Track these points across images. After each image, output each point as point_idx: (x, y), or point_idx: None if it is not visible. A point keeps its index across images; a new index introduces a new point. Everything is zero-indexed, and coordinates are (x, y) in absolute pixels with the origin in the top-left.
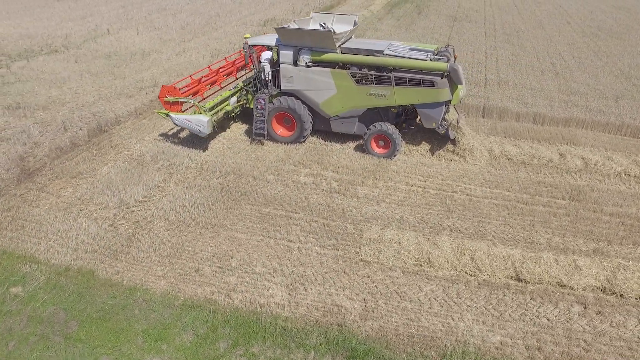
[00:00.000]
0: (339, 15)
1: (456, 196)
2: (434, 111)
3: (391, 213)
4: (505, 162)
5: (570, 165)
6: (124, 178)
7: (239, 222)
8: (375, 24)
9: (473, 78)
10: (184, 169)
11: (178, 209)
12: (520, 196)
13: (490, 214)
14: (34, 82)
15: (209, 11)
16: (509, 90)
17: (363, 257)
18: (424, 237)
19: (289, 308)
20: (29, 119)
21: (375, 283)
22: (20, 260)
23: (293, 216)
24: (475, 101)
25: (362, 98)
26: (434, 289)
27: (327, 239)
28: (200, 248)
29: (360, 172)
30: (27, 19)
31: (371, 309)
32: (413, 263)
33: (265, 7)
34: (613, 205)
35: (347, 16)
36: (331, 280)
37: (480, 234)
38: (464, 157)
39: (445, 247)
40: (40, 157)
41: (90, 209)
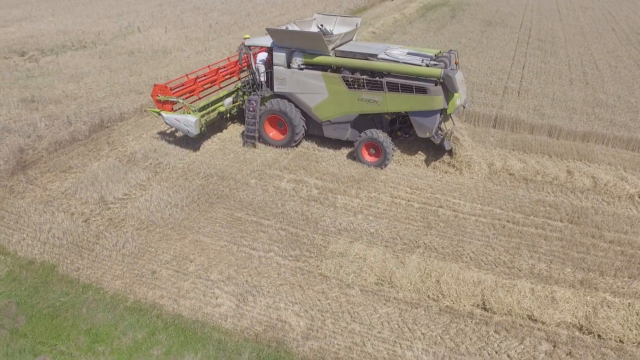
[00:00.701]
0: (342, 17)
1: (441, 211)
2: (427, 120)
3: (366, 226)
4: (506, 177)
5: (578, 184)
6: (110, 175)
7: (209, 226)
8: (404, 27)
9: (491, 85)
10: (170, 168)
11: (152, 209)
12: (513, 215)
13: (474, 233)
14: (55, 77)
15: (240, 11)
16: (528, 100)
17: (322, 271)
18: (393, 254)
19: (232, 320)
20: (40, 112)
21: (328, 300)
22: None
23: (263, 223)
24: (487, 110)
25: (354, 103)
26: (390, 311)
27: (291, 249)
28: (163, 250)
29: (345, 180)
30: (69, 16)
31: (316, 328)
32: (374, 281)
33: (297, 7)
34: (616, 231)
35: (349, 18)
36: (284, 293)
37: (456, 254)
38: (460, 169)
39: (411, 267)
40: (38, 150)
41: (70, 204)
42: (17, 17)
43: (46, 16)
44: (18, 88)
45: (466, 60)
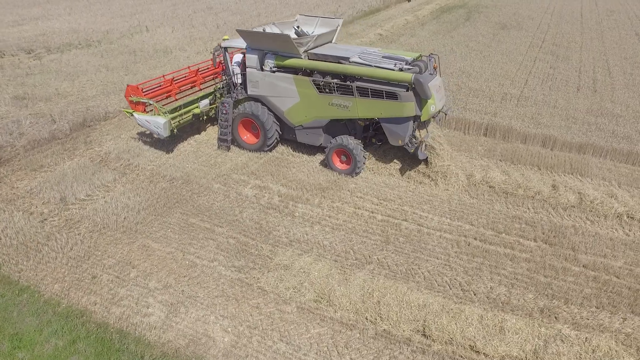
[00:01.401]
0: (323, 18)
1: (404, 225)
2: (399, 127)
3: (321, 238)
4: (485, 190)
5: (561, 199)
6: (78, 175)
7: (160, 231)
8: (414, 29)
9: (490, 91)
10: (138, 170)
11: (109, 211)
12: (482, 232)
13: (434, 250)
14: (52, 75)
15: (251, 11)
16: (527, 107)
17: (262, 285)
18: (340, 269)
19: (157, 331)
20: (28, 110)
21: (262, 316)
22: None
23: (216, 230)
24: (479, 117)
25: (325, 108)
26: (322, 332)
27: (236, 260)
28: (109, 254)
29: (311, 188)
30: (84, 15)
31: (240, 345)
32: (312, 298)
33: (310, 7)
34: (594, 254)
35: (331, 20)
36: (217, 306)
37: (409, 273)
38: (436, 180)
39: (355, 285)
40: (16, 148)
41: (32, 203)
42: (35, 16)
43: (63, 15)
44: (14, 85)
45: (468, 64)
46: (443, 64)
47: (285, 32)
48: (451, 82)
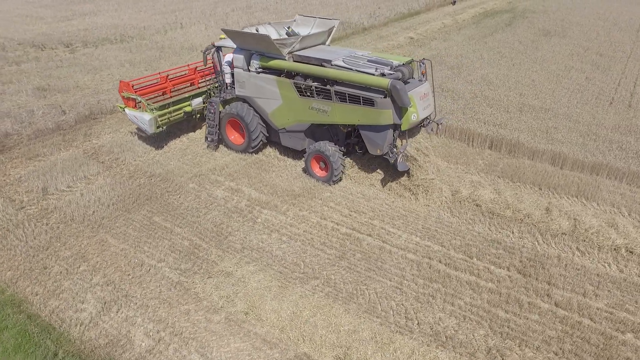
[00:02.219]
0: (321, 19)
1: (368, 241)
2: (378, 135)
3: (275, 247)
4: (470, 208)
5: (553, 225)
6: (67, 166)
7: (122, 227)
8: (450, 33)
9: (507, 101)
10: (123, 165)
11: (81, 204)
12: (452, 255)
13: (390, 270)
14: (79, 68)
15: (288, 11)
16: (544, 120)
17: (197, 290)
18: (282, 282)
19: (83, 328)
20: (45, 100)
21: (188, 323)
22: None
23: (174, 230)
24: (485, 129)
25: (305, 112)
26: (242, 347)
27: (183, 262)
28: (68, 246)
29: (283, 194)
30: (129, 11)
31: (156, 352)
32: (243, 310)
33: (347, 9)
34: (572, 290)
35: (328, 20)
36: (149, 308)
37: (353, 293)
38: (417, 194)
39: (289, 301)
40: (22, 136)
41: (17, 190)
42: (85, 12)
43: (110, 11)
44: (41, 77)
45: (493, 72)
46: (467, 70)
47: (280, 32)
48: (467, 90)
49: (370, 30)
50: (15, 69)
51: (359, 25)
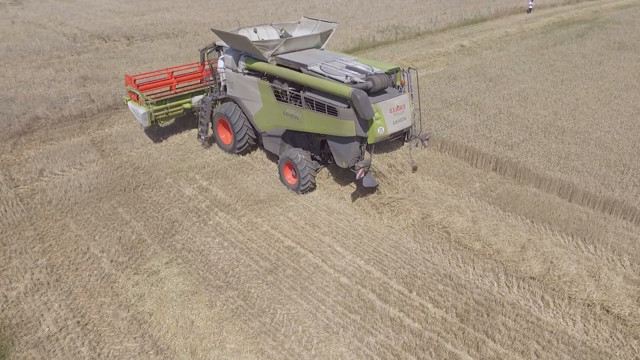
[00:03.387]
0: (323, 22)
1: (307, 257)
2: (342, 147)
3: (213, 251)
4: (437, 235)
5: (522, 266)
6: (69, 151)
7: (88, 214)
8: (508, 43)
9: (534, 120)
10: (119, 154)
11: (64, 188)
12: (390, 286)
13: (314, 293)
14: (125, 60)
15: (347, 12)
16: (568, 145)
17: (119, 285)
18: (197, 288)
19: (5, 306)
20: (82, 89)
21: (97, 316)
22: None
23: (131, 223)
24: (492, 149)
25: (281, 117)
26: (132, 348)
27: (122, 255)
28: (35, 226)
29: (247, 198)
30: (198, 8)
31: (54, 339)
32: (149, 311)
33: (409, 13)
34: (511, 347)
35: (328, 24)
36: (71, 295)
37: (261, 312)
38: (382, 213)
39: (194, 308)
40: (49, 120)
41: (20, 170)
42: (160, 7)
43: (182, 7)
44: (90, 67)
45: (534, 86)
46: (505, 83)
47: (283, 33)
48: (493, 105)
49: (424, 35)
50: (74, 59)
51: (413, 30)
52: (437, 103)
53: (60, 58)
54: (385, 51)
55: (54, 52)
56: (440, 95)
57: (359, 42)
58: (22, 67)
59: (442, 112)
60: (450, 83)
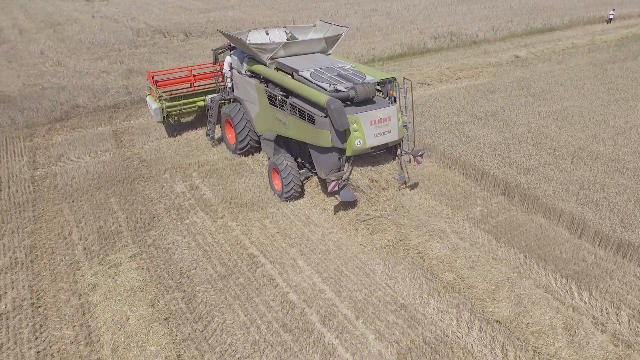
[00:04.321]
0: (335, 26)
1: (265, 268)
2: (321, 157)
3: (178, 251)
4: (410, 260)
5: (490, 307)
6: (90, 139)
7: (82, 201)
8: (571, 55)
9: (566, 142)
10: (132, 147)
11: (73, 174)
12: (339, 310)
13: (256, 306)
14: (172, 55)
15: (408, 17)
16: (596, 173)
17: (81, 272)
18: (146, 285)
19: None
20: (124, 81)
21: (52, 300)
22: None
23: (116, 214)
24: (504, 172)
25: (272, 121)
26: (66, 335)
27: (96, 244)
28: (35, 208)
29: (232, 200)
30: (261, 8)
31: (4, 317)
32: (95, 302)
33: (468, 21)
34: None
35: (340, 28)
36: (38, 277)
37: (198, 318)
38: (357, 229)
39: (133, 305)
40: (86, 109)
41: (44, 154)
42: (227, 5)
43: (247, 6)
44: (140, 60)
45: (581, 106)
46: (549, 99)
47: (289, 36)
48: (525, 122)
49: (480, 44)
50: (130, 52)
51: (470, 38)
52: (463, 116)
53: (118, 51)
54: (431, 58)
55: (116, 45)
56: (470, 108)
57: (407, 48)
58: (83, 59)
59: (464, 127)
60: (487, 96)
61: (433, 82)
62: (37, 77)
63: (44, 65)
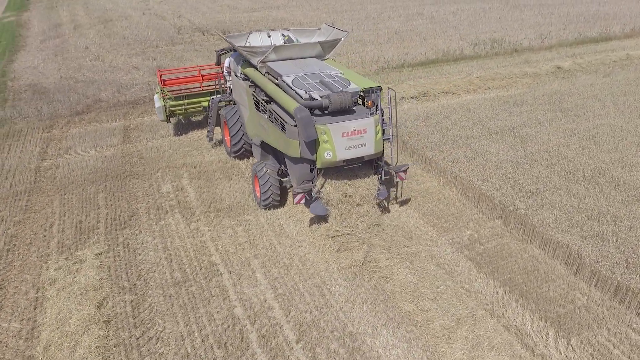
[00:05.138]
0: (337, 30)
1: (222, 278)
2: (294, 167)
3: (144, 252)
4: (373, 284)
5: (442, 347)
6: (100, 134)
7: (73, 194)
8: (623, 68)
9: (587, 165)
10: (136, 143)
11: (74, 166)
12: (282, 331)
13: (199, 316)
14: (204, 53)
15: (453, 22)
16: (611, 203)
17: (47, 266)
18: (93, 286)
19: None
20: (152, 77)
21: (12, 291)
22: None
23: (99, 209)
24: (503, 194)
25: (258, 126)
26: (12, 328)
27: (70, 239)
28: (29, 197)
29: (213, 204)
30: (307, 8)
31: None
32: (46, 297)
33: (516, 27)
34: None
35: (339, 31)
36: (8, 267)
37: (139, 322)
38: (325, 246)
39: (70, 304)
40: (107, 104)
41: (56, 146)
42: (273, 5)
43: (293, 6)
44: (169, 58)
45: (613, 124)
46: (580, 116)
47: (286, 39)
48: (545, 140)
49: (522, 52)
50: (166, 49)
51: (512, 45)
52: (478, 130)
53: (155, 48)
54: (465, 66)
55: (155, 42)
56: (487, 121)
57: (442, 54)
58: (121, 54)
59: (475, 141)
60: (511, 109)
61: (459, 92)
62: (75, 71)
63: (85, 60)
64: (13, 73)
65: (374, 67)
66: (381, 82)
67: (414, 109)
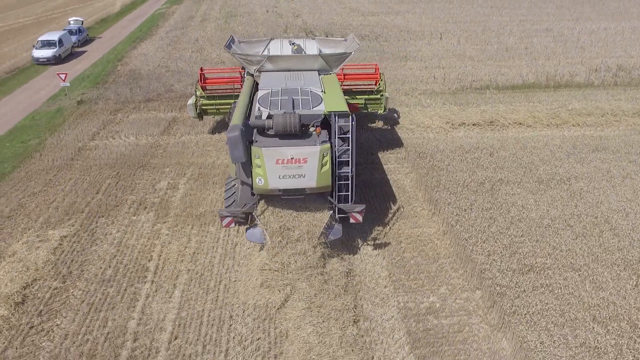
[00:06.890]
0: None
1: (137, 287)
2: (241, 188)
3: (103, 247)
4: (270, 331)
5: None
6: (147, 123)
7: (84, 179)
8: None
9: (612, 245)
10: (170, 136)
11: (101, 152)
12: (155, 357)
13: (89, 322)
14: None
15: (583, 41)
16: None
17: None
18: (40, 264)
19: None
20: None
21: None
22: None
23: (95, 196)
24: (491, 263)
25: None
26: None
27: (52, 217)
28: (46, 174)
29: (190, 208)
30: (429, 16)
31: None
32: None
33: (617, 51)
34: None
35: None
36: None
37: (44, 308)
38: (257, 279)
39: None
40: (173, 94)
41: (106, 129)
42: (397, 11)
43: (416, 13)
44: None
45: None
46: (621, 144)
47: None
48: (595, 202)
49: None
50: None
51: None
52: (519, 175)
53: None
54: (561, 95)
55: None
56: (539, 165)
57: (545, 78)
58: (220, 48)
59: (505, 188)
60: (583, 154)
61: (536, 124)
62: (172, 61)
63: (187, 51)
64: (127, 58)
65: (453, 86)
66: (446, 102)
67: (463, 138)
